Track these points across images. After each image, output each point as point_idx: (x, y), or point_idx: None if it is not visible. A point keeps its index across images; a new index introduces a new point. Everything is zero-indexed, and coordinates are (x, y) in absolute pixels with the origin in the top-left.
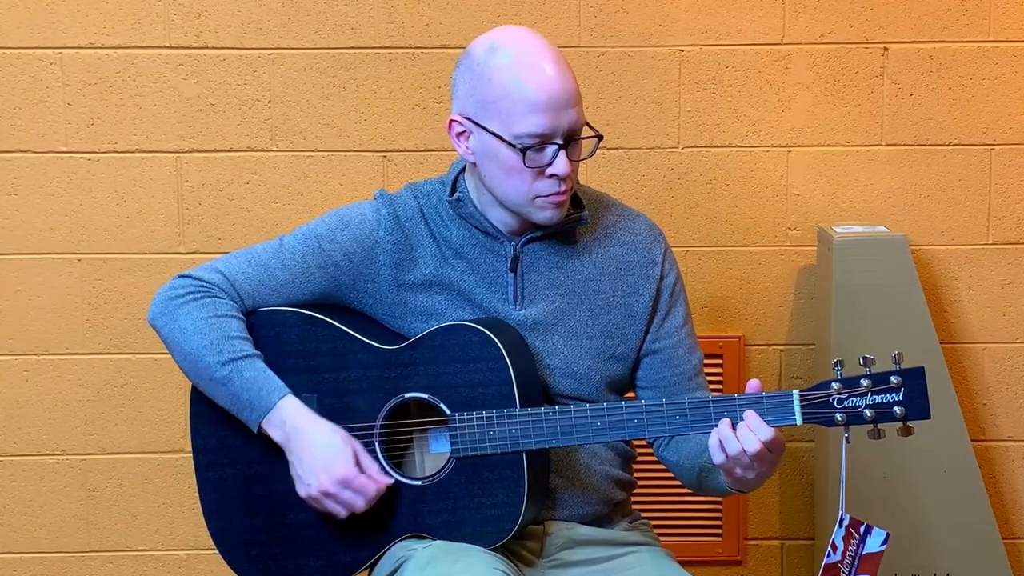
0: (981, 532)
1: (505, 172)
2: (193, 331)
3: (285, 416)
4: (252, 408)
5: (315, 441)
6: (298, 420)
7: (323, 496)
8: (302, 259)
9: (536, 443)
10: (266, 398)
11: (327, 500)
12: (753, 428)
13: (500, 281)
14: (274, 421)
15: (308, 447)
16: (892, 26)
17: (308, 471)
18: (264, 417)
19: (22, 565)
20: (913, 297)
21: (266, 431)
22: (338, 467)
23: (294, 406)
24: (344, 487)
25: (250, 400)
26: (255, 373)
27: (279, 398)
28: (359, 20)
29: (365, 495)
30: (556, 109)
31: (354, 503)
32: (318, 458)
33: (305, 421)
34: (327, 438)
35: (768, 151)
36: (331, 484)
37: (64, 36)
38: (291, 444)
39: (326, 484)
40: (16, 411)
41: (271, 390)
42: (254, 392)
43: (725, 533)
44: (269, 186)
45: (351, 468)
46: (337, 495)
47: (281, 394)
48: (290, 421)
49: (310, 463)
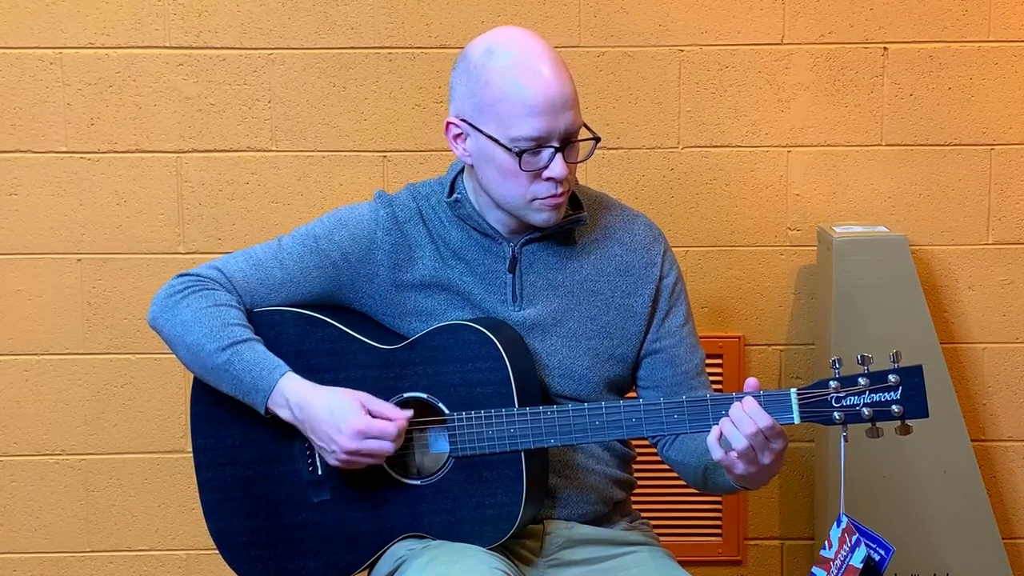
0: (981, 532)
1: (501, 175)
2: (193, 321)
3: (287, 393)
4: (255, 390)
5: (320, 408)
6: (301, 394)
7: (351, 456)
8: (300, 259)
9: (534, 442)
10: (268, 377)
11: (356, 458)
12: (750, 413)
13: (499, 282)
14: (278, 401)
15: (316, 417)
16: (892, 26)
17: (325, 439)
18: (268, 397)
19: (22, 565)
20: (913, 297)
21: (274, 412)
22: (349, 422)
23: (294, 382)
24: (364, 438)
25: (253, 382)
26: (255, 355)
27: (280, 375)
28: (359, 20)
29: (387, 436)
30: (552, 112)
31: (380, 448)
32: (328, 423)
33: (307, 393)
34: (329, 400)
35: (768, 151)
36: (350, 441)
37: (64, 36)
38: (301, 420)
39: (345, 443)
40: (16, 411)
41: (271, 369)
42: (256, 373)
43: (725, 533)
44: (269, 186)
45: (362, 418)
46: (360, 448)
47: (281, 372)
48: (294, 396)
49: (324, 431)
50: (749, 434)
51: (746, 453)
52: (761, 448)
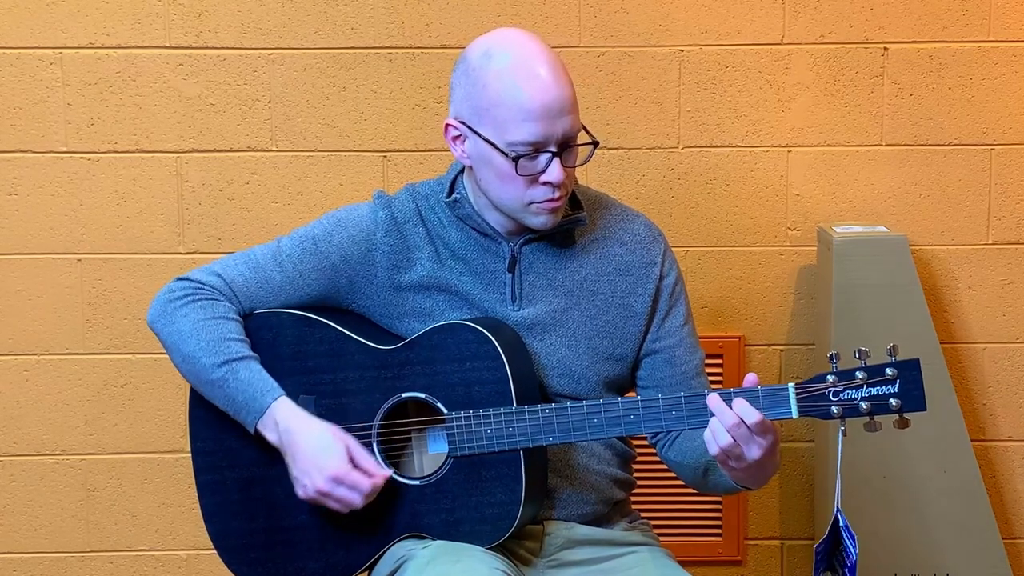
0: (981, 532)
1: (499, 178)
2: (190, 333)
3: (278, 418)
4: (248, 410)
5: (308, 441)
6: (291, 422)
7: (319, 496)
8: (299, 261)
9: (533, 441)
10: (260, 400)
11: (324, 499)
12: (738, 410)
13: (498, 282)
14: (268, 424)
15: (301, 448)
16: (892, 26)
17: (302, 471)
18: (259, 419)
19: (22, 565)
20: (913, 297)
21: (262, 433)
22: (330, 465)
23: (287, 408)
24: (338, 484)
25: (245, 402)
26: (250, 375)
27: (273, 400)
28: (359, 20)
29: (360, 490)
30: (550, 117)
31: (351, 499)
32: (310, 458)
33: (297, 422)
34: (319, 437)
35: (768, 151)
36: (324, 483)
37: (64, 36)
38: (285, 446)
39: (319, 483)
40: (16, 411)
41: (265, 392)
42: (248, 394)
43: (725, 533)
44: (269, 186)
45: (343, 465)
46: (332, 493)
47: (275, 396)
48: (283, 423)
49: (303, 463)
50: (730, 426)
51: (731, 448)
52: (745, 441)
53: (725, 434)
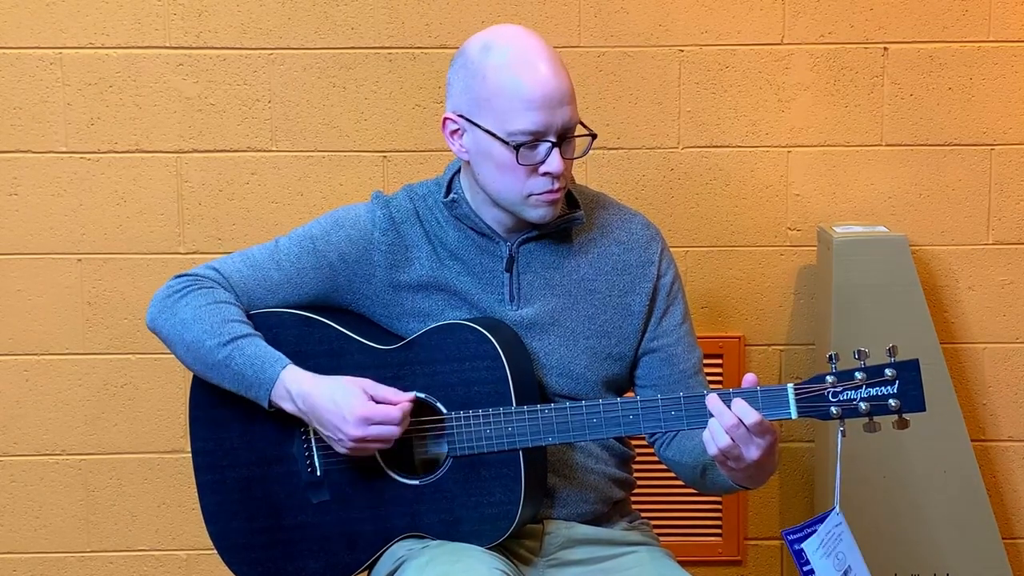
0: (981, 532)
1: (498, 170)
2: (192, 319)
3: (289, 385)
4: (258, 384)
5: (324, 398)
6: (303, 385)
7: (358, 443)
8: (297, 260)
9: (532, 441)
10: (269, 371)
11: (364, 444)
12: (738, 412)
13: (496, 281)
14: (281, 394)
15: (321, 407)
16: (892, 26)
17: (332, 428)
18: (271, 391)
19: (22, 565)
20: (913, 297)
21: (278, 406)
22: (353, 409)
23: (297, 374)
24: (369, 424)
25: (255, 375)
26: (256, 350)
27: (281, 368)
28: (359, 20)
29: (392, 420)
30: (550, 107)
31: (388, 433)
32: (334, 411)
33: (309, 384)
34: (332, 389)
35: (768, 151)
36: (356, 429)
37: (64, 36)
38: (306, 410)
39: (351, 431)
40: (16, 411)
41: (272, 362)
42: (258, 366)
43: (725, 533)
44: (269, 186)
45: (365, 404)
46: (367, 435)
47: (283, 364)
48: (295, 389)
49: (329, 420)
50: (729, 427)
51: (730, 449)
52: (744, 442)
53: (724, 435)
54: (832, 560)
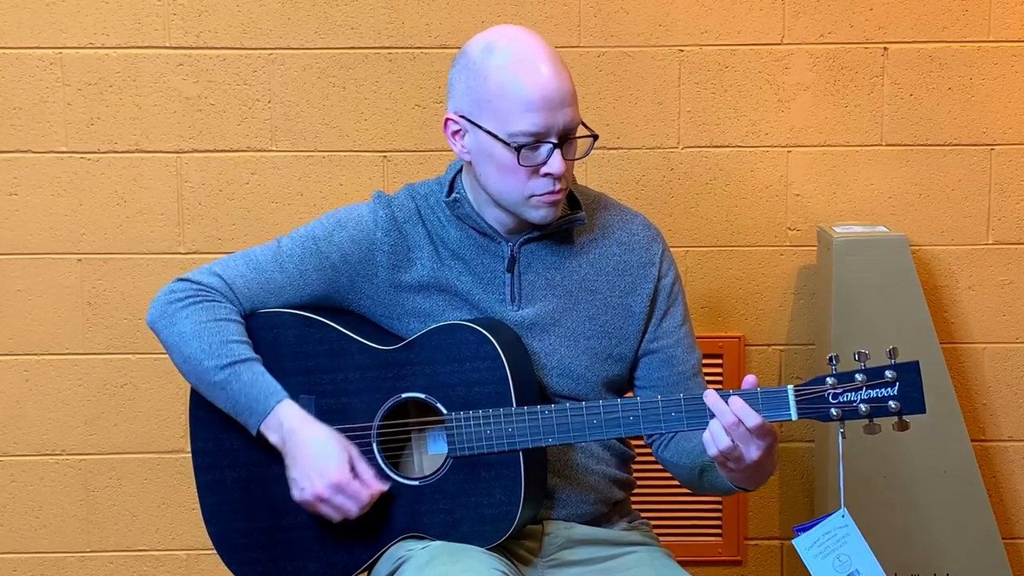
0: (981, 532)
1: (500, 171)
2: (192, 335)
3: (282, 420)
4: (251, 412)
5: (310, 445)
6: (294, 423)
7: (316, 500)
8: (299, 261)
9: (532, 442)
10: (264, 402)
11: (320, 504)
12: (739, 414)
13: (497, 282)
14: (271, 425)
15: (303, 451)
16: (892, 26)
17: (302, 475)
18: (262, 421)
19: (22, 565)
20: (913, 297)
21: (265, 435)
22: (332, 472)
23: (291, 410)
24: (337, 492)
25: (248, 404)
26: (253, 377)
27: (276, 402)
28: (359, 20)
29: (358, 501)
30: (551, 108)
31: (347, 508)
32: (312, 462)
33: (301, 425)
34: (322, 442)
35: (768, 151)
36: (324, 488)
37: (64, 36)
38: (287, 448)
39: (319, 488)
40: (16, 411)
41: (269, 394)
42: (252, 396)
43: (725, 533)
44: (269, 186)
45: (345, 473)
46: (330, 500)
47: (279, 398)
48: (287, 424)
49: (304, 467)
50: (728, 426)
51: (730, 451)
52: (744, 442)
53: (724, 436)
54: (831, 561)
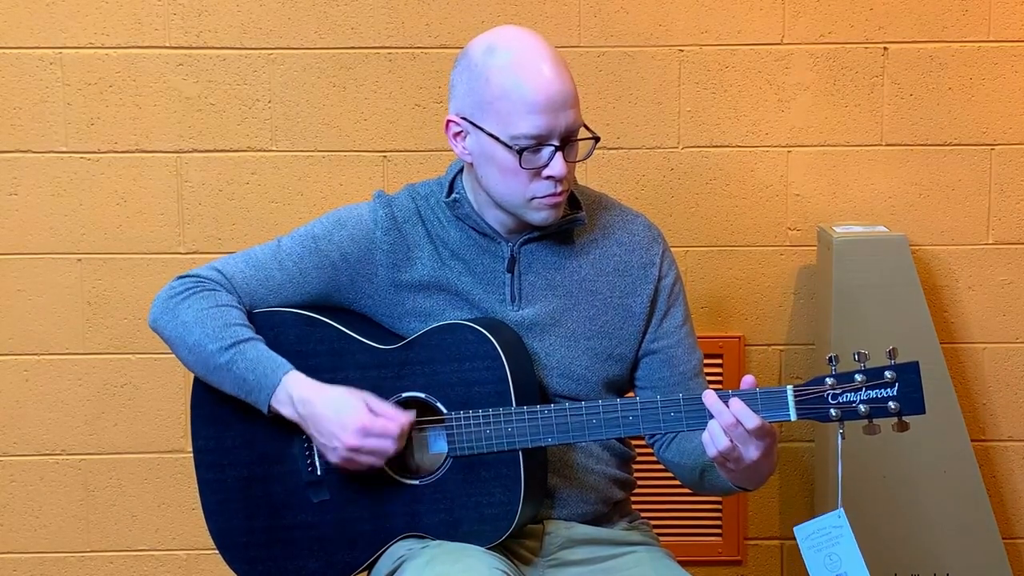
0: (981, 532)
1: (501, 173)
2: (194, 322)
3: (291, 391)
4: (259, 388)
5: (324, 405)
6: (304, 391)
7: (352, 453)
8: (299, 260)
9: (532, 442)
10: (271, 376)
11: (358, 456)
12: (738, 415)
13: (497, 282)
14: (282, 398)
15: (320, 413)
16: (892, 26)
17: (327, 435)
18: (272, 396)
19: (22, 565)
20: (913, 297)
21: (277, 410)
22: (353, 419)
23: (299, 379)
24: (366, 435)
25: (256, 380)
26: (258, 354)
27: (284, 373)
28: (359, 20)
29: (390, 435)
30: (553, 110)
31: (383, 447)
32: (332, 419)
33: (311, 391)
34: (334, 398)
35: (768, 151)
36: (352, 438)
37: (64, 36)
38: (304, 417)
39: (348, 439)
40: (16, 411)
41: (275, 367)
42: (259, 372)
43: (725, 533)
44: (269, 186)
45: (365, 415)
46: (362, 446)
47: (285, 370)
48: (296, 394)
49: (327, 427)
50: (727, 426)
51: (729, 451)
52: (743, 442)
53: (723, 437)
54: (823, 557)
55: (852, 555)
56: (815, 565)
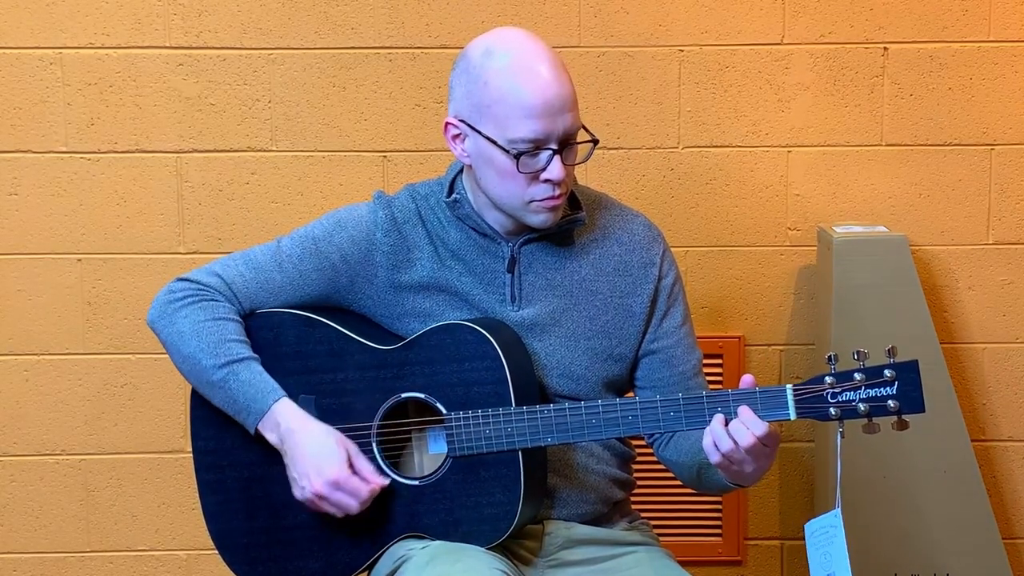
0: (981, 532)
1: (499, 176)
2: (191, 334)
3: (280, 419)
4: (248, 411)
5: (309, 443)
6: (292, 422)
7: (316, 498)
8: (299, 261)
9: (532, 442)
10: (261, 401)
11: (321, 502)
12: (746, 423)
13: (497, 282)
14: (269, 424)
15: (302, 449)
16: (892, 26)
17: (301, 473)
18: (260, 420)
19: (22, 565)
20: (913, 297)
21: (263, 434)
22: (330, 469)
23: (289, 409)
24: (336, 489)
25: (246, 403)
26: (251, 376)
27: (274, 401)
28: (359, 20)
29: (358, 497)
30: (551, 114)
31: (347, 505)
32: (310, 460)
33: (299, 423)
34: (320, 440)
35: (768, 151)
36: (323, 486)
37: (64, 36)
38: (286, 446)
39: (318, 486)
40: (16, 411)
41: (266, 393)
42: (250, 395)
43: (725, 533)
44: (269, 186)
45: (343, 470)
46: (329, 497)
47: (276, 397)
48: (284, 423)
49: (303, 465)
50: (747, 446)
51: (743, 460)
52: (755, 452)
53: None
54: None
55: (840, 556)
56: (815, 562)
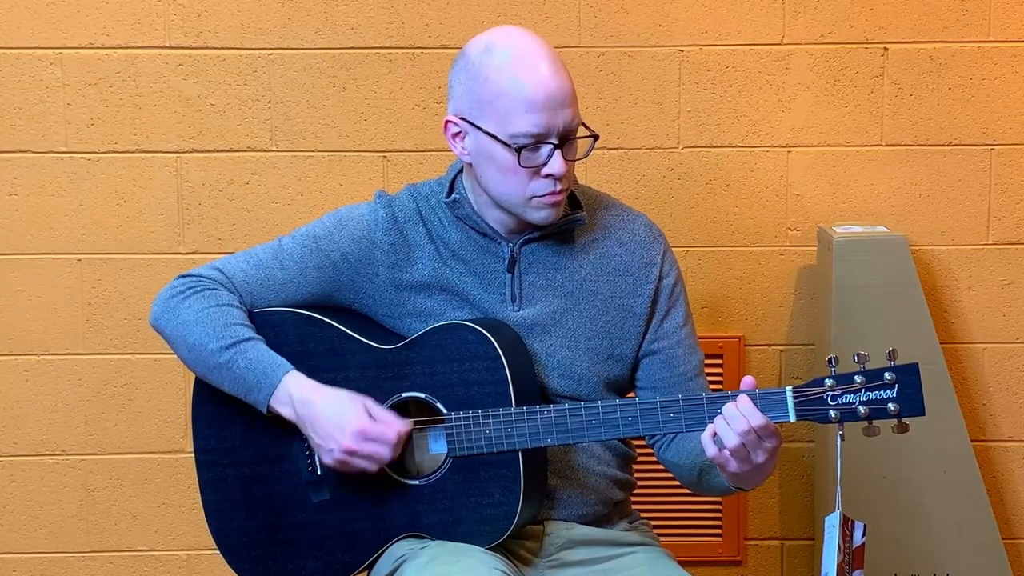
0: (981, 532)
1: (500, 172)
2: (195, 321)
3: (291, 391)
4: (259, 388)
5: (324, 406)
6: (304, 392)
7: (348, 456)
8: (300, 260)
9: (532, 442)
10: (271, 376)
11: (353, 459)
12: (743, 411)
13: (498, 282)
14: (281, 398)
15: (319, 415)
16: (892, 26)
17: (325, 436)
18: (271, 395)
19: (22, 565)
20: (913, 297)
21: (276, 410)
22: (353, 421)
23: (298, 380)
24: (364, 439)
25: (256, 380)
26: (258, 354)
27: (283, 373)
28: (359, 20)
29: (387, 441)
30: (551, 109)
31: (379, 453)
32: (331, 421)
33: (310, 392)
34: (335, 399)
35: (768, 151)
36: (350, 441)
37: (64, 36)
38: (302, 417)
39: (345, 442)
40: (16, 411)
41: (275, 367)
42: (259, 371)
43: (725, 533)
44: (269, 186)
45: (364, 419)
46: (359, 450)
47: (285, 370)
48: (297, 394)
49: (325, 428)
50: (741, 431)
51: (738, 451)
52: (754, 446)
53: (734, 436)
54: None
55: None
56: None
